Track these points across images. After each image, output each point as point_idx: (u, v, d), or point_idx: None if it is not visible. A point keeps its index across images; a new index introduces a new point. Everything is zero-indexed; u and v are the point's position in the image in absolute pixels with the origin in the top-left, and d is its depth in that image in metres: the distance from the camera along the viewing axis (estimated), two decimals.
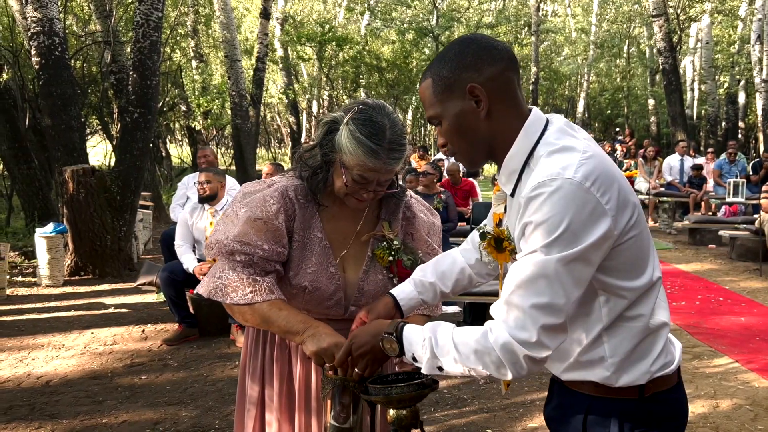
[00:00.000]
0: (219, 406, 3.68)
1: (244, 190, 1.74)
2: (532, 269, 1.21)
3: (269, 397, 1.81)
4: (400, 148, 1.63)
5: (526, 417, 3.57)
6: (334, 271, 1.71)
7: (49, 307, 5.77)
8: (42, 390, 3.91)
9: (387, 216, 1.81)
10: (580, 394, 1.39)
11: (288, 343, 1.79)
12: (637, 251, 1.30)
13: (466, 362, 1.25)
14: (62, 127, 6.99)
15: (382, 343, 1.37)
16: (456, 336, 1.28)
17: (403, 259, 1.75)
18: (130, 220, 7.12)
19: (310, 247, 1.70)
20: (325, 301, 1.71)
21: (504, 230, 1.41)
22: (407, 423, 1.40)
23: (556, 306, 1.21)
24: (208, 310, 4.98)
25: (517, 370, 1.22)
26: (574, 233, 1.20)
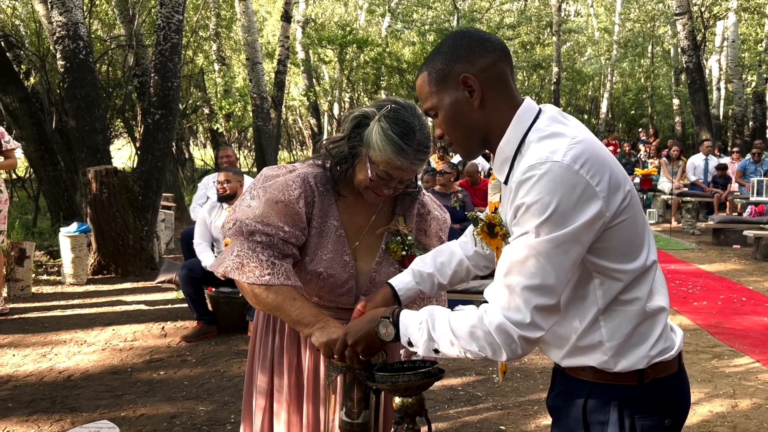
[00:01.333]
0: (235, 401, 3.73)
1: (266, 173, 1.77)
2: (523, 251, 1.23)
3: (278, 388, 1.84)
4: (426, 150, 1.68)
5: (540, 415, 3.55)
6: (348, 259, 1.75)
7: (72, 305, 5.89)
8: (63, 384, 3.99)
9: (402, 211, 1.84)
10: (580, 380, 1.40)
11: (298, 332, 1.82)
12: (630, 234, 1.31)
13: (462, 344, 1.27)
14: (86, 128, 7.13)
15: (378, 328, 1.40)
16: (452, 319, 1.30)
17: (415, 254, 1.78)
18: (152, 220, 7.23)
19: (326, 235, 1.74)
20: (337, 289, 1.74)
21: (496, 216, 1.43)
22: (413, 411, 1.42)
23: (548, 287, 1.23)
24: (226, 308, 5.04)
25: (512, 351, 1.24)
26: (564, 214, 1.21)
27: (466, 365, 4.35)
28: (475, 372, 4.23)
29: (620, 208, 1.28)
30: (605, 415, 1.37)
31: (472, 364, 4.39)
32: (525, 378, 4.12)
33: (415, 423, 1.45)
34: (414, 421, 1.45)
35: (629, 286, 1.33)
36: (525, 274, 1.23)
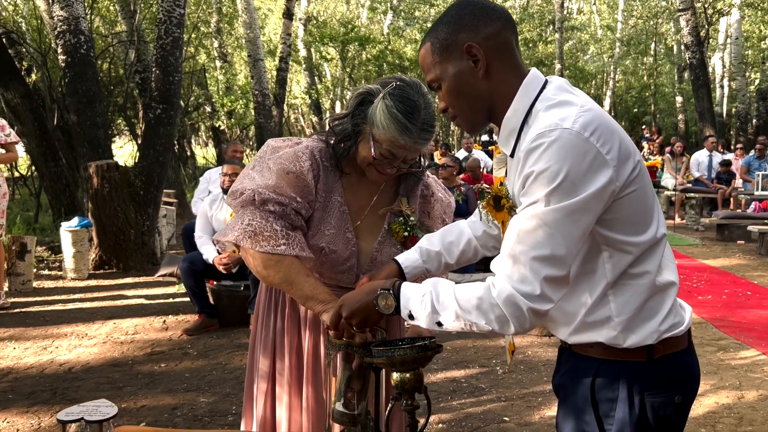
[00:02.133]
0: (236, 392, 3.70)
1: (273, 144, 1.74)
2: (533, 221, 1.20)
3: (279, 371, 1.81)
4: (431, 129, 1.64)
5: (545, 406, 3.52)
6: (351, 237, 1.72)
7: (73, 299, 5.87)
8: (64, 376, 3.97)
9: (405, 192, 1.81)
10: (588, 357, 1.37)
11: (299, 314, 1.79)
12: (640, 205, 1.28)
13: (468, 317, 1.24)
14: (87, 123, 7.11)
15: (377, 301, 1.35)
16: (458, 291, 1.26)
17: (418, 235, 1.75)
18: (153, 215, 7.21)
19: (330, 210, 1.71)
20: (338, 266, 1.71)
21: (503, 188, 1.40)
22: (411, 386, 1.38)
23: (558, 257, 1.19)
24: (227, 301, 5.01)
25: (521, 324, 1.21)
26: (574, 183, 1.18)
27: (469, 357, 4.31)
28: (478, 364, 4.20)
29: (630, 177, 1.25)
30: (614, 392, 1.34)
31: (475, 356, 4.35)
32: (528, 370, 4.09)
33: (414, 399, 1.41)
34: (412, 397, 1.41)
35: (639, 259, 1.29)
36: (534, 244, 1.19)
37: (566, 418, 1.42)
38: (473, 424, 3.29)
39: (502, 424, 3.29)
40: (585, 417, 1.37)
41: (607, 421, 1.35)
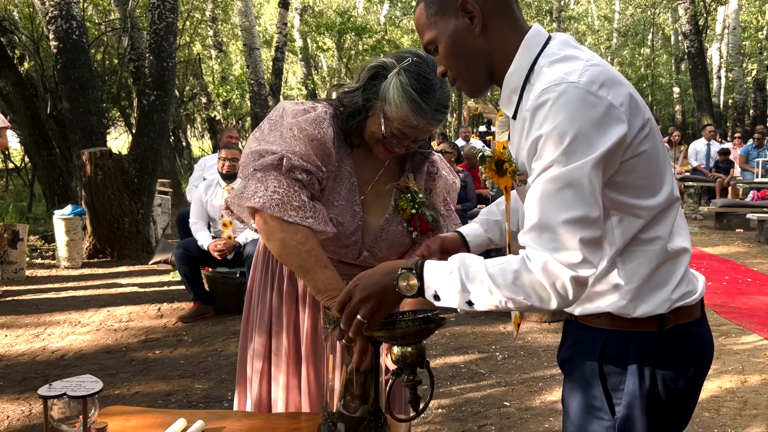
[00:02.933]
0: (232, 378, 3.63)
1: (290, 108, 1.60)
2: (554, 184, 1.11)
3: (276, 351, 1.74)
4: (445, 109, 1.55)
5: (546, 391, 3.47)
6: (358, 210, 1.64)
7: (66, 287, 5.80)
8: (56, 363, 3.90)
9: (412, 169, 1.73)
10: (595, 329, 1.29)
11: (297, 290, 1.71)
12: (652, 166, 1.20)
13: (504, 293, 1.13)
14: (80, 110, 7.01)
15: (397, 281, 1.22)
16: (490, 266, 1.15)
17: (425, 213, 1.67)
18: (148, 203, 7.13)
19: (340, 181, 1.63)
20: (344, 239, 1.63)
21: (505, 152, 1.31)
22: (412, 361, 1.31)
23: (591, 217, 1.10)
24: (223, 288, 4.95)
25: (563, 296, 1.11)
26: (589, 137, 1.10)
27: (468, 343, 4.26)
28: (477, 350, 4.14)
29: (641, 133, 1.17)
30: (623, 364, 1.27)
31: (474, 342, 4.29)
32: (528, 355, 4.03)
33: (416, 374, 1.35)
34: (414, 372, 1.34)
35: (649, 224, 1.22)
36: (562, 207, 1.10)
37: (573, 393, 1.35)
38: (473, 409, 3.23)
39: (503, 408, 3.24)
40: (592, 391, 1.30)
41: (616, 395, 1.28)
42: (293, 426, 1.54)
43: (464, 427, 3.03)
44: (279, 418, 1.61)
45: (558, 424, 3.05)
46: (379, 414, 1.43)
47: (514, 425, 3.05)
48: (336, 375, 1.49)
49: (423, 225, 1.67)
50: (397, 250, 1.70)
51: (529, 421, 3.10)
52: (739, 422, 3.07)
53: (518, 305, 1.13)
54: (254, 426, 1.55)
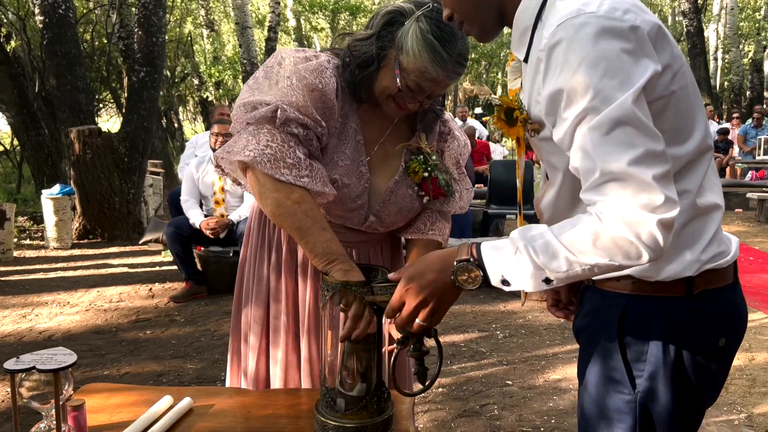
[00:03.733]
0: (225, 358, 3.50)
1: (289, 55, 1.44)
2: (601, 129, 0.97)
3: (274, 324, 1.61)
4: (464, 62, 1.41)
5: (549, 369, 3.37)
6: (365, 171, 1.50)
7: (55, 268, 5.66)
8: (43, 344, 3.77)
9: (423, 128, 1.58)
10: (614, 294, 1.16)
11: (296, 258, 1.58)
12: (683, 108, 1.07)
13: (586, 259, 1.00)
14: (67, 87, 6.82)
15: (456, 276, 1.09)
16: (560, 234, 1.02)
17: (438, 177, 1.53)
18: (139, 183, 6.97)
19: (345, 138, 1.48)
20: (349, 203, 1.49)
21: (514, 99, 1.16)
22: (418, 328, 1.19)
23: (656, 151, 0.97)
24: (216, 268, 4.82)
25: (652, 247, 0.97)
26: (621, 71, 0.97)
27: (468, 322, 4.15)
28: (477, 329, 4.04)
29: (671, 70, 1.04)
30: (645, 333, 1.14)
31: (474, 321, 4.19)
32: (530, 334, 3.93)
33: (422, 343, 1.23)
34: (421, 341, 1.22)
35: (677, 176, 1.08)
36: (620, 150, 0.96)
37: (589, 365, 1.22)
38: (475, 388, 3.13)
39: (505, 387, 3.14)
40: (611, 363, 1.17)
41: (637, 366, 1.15)
42: (291, 402, 1.42)
43: (466, 407, 2.93)
44: (275, 394, 1.49)
45: (563, 403, 2.95)
46: (382, 389, 1.31)
47: (517, 404, 2.95)
48: (334, 347, 1.36)
49: (435, 189, 1.54)
50: (405, 216, 1.58)
51: (533, 399, 3.00)
52: (749, 400, 2.98)
53: (604, 269, 1.01)
54: (247, 403, 1.43)
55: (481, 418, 2.81)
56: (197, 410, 1.38)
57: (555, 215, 1.20)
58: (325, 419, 1.27)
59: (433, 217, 1.62)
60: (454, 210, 1.66)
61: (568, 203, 1.18)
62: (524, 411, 2.88)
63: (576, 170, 1.03)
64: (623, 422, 1.17)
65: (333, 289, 1.28)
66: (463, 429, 2.72)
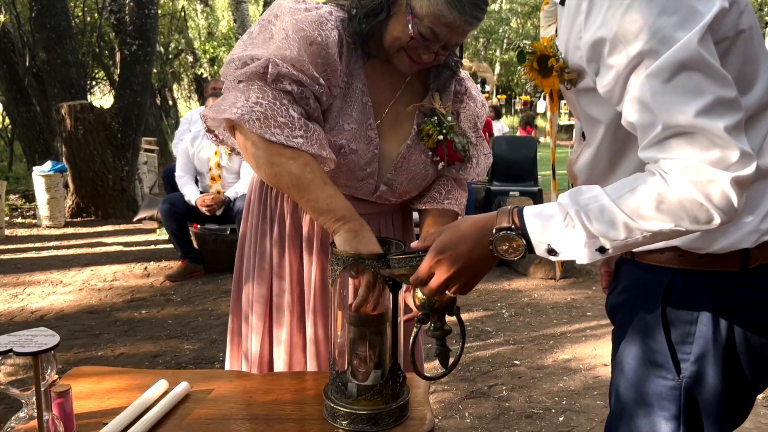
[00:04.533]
0: (224, 339, 3.40)
1: (290, 6, 1.30)
2: (662, 75, 0.84)
3: (277, 305, 1.49)
4: (484, 6, 1.27)
5: (557, 349, 3.27)
6: (374, 135, 1.36)
7: (48, 247, 5.53)
8: (35, 324, 3.65)
9: (437, 88, 1.44)
10: (657, 268, 1.04)
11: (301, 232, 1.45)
12: (749, 52, 0.94)
13: (648, 225, 0.88)
14: (57, 61, 6.63)
15: (495, 247, 0.98)
16: (617, 198, 0.90)
17: (454, 140, 1.39)
18: (133, 160, 6.82)
19: (351, 100, 1.34)
20: (357, 171, 1.36)
21: (549, 45, 1.02)
22: (441, 305, 1.08)
23: (727, 98, 0.84)
24: (213, 246, 4.69)
25: (724, 208, 0.85)
26: (683, 3, 0.84)
27: (472, 301, 4.05)
28: (482, 308, 3.94)
29: (737, 5, 0.91)
30: (693, 312, 1.02)
31: (479, 299, 4.09)
32: (536, 313, 3.84)
33: (444, 322, 1.11)
34: (443, 319, 1.11)
35: None
36: (686, 98, 0.84)
37: (626, 346, 1.10)
38: (482, 368, 3.03)
39: (513, 367, 3.04)
40: (653, 344, 1.05)
41: (682, 349, 1.03)
42: (296, 386, 1.31)
43: (473, 387, 2.83)
44: (279, 377, 1.38)
45: (573, 384, 2.86)
46: (398, 372, 1.19)
47: (527, 385, 2.86)
48: (345, 327, 1.24)
49: (451, 154, 1.40)
50: (419, 184, 1.45)
51: (542, 380, 2.91)
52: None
53: (668, 236, 0.89)
54: (249, 387, 1.31)
55: (489, 399, 2.72)
56: (195, 395, 1.27)
57: (591, 178, 1.08)
58: (335, 405, 1.16)
59: (448, 185, 1.50)
60: (471, 177, 1.53)
61: (607, 164, 1.06)
62: (534, 392, 2.79)
63: (631, 125, 0.90)
64: (665, 410, 1.06)
65: (344, 263, 1.16)
66: (472, 410, 2.62)
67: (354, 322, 1.18)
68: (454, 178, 1.51)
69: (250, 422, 1.18)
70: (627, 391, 1.11)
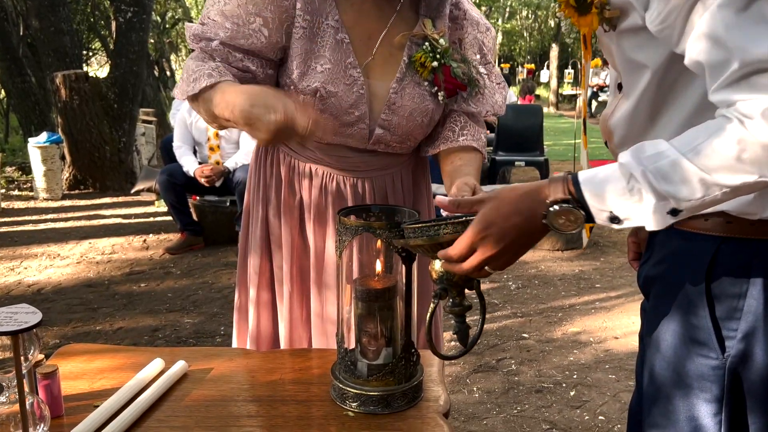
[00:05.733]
0: (225, 312, 3.34)
1: None
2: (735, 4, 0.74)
3: (277, 275, 1.40)
4: None
5: (566, 322, 3.20)
6: (357, 75, 1.24)
7: (45, 219, 5.44)
8: (32, 298, 3.59)
9: (428, 13, 1.30)
10: (701, 236, 0.94)
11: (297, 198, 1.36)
12: None
13: (727, 179, 0.79)
14: (51, 29, 6.46)
15: (550, 221, 0.87)
16: (685, 151, 0.80)
17: (451, 65, 1.26)
18: (130, 131, 6.68)
19: (320, 40, 1.23)
20: (343, 115, 1.24)
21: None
22: (461, 279, 0.98)
23: None
24: (212, 218, 4.60)
25: None
26: None
27: None
28: (488, 280, 3.85)
29: None
30: (742, 284, 0.92)
31: None
32: (543, 285, 3.76)
33: (464, 297, 1.02)
34: (462, 293, 1.01)
35: None
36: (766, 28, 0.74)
37: (663, 322, 1.00)
38: (489, 342, 2.96)
39: (522, 341, 2.97)
40: (694, 320, 0.95)
41: (728, 326, 0.93)
42: (300, 365, 1.23)
43: (481, 361, 2.76)
44: (282, 355, 1.29)
45: (584, 357, 2.79)
46: (411, 350, 1.11)
47: (536, 358, 2.79)
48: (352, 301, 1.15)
49: (449, 80, 1.26)
50: (420, 122, 1.30)
51: (551, 353, 2.83)
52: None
53: (752, 188, 0.79)
54: (251, 366, 1.23)
55: (498, 373, 2.65)
56: (193, 375, 1.18)
57: (630, 133, 0.98)
58: (344, 386, 1.08)
59: (461, 120, 1.34)
60: (487, 109, 1.36)
61: (648, 117, 0.96)
62: (543, 365, 2.72)
63: (698, 65, 0.79)
64: (706, 392, 0.97)
65: (353, 233, 1.06)
66: (480, 385, 2.55)
67: (362, 297, 1.09)
68: (466, 113, 1.35)
69: (253, 404, 1.09)
70: (664, 370, 1.01)
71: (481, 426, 2.26)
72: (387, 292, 1.09)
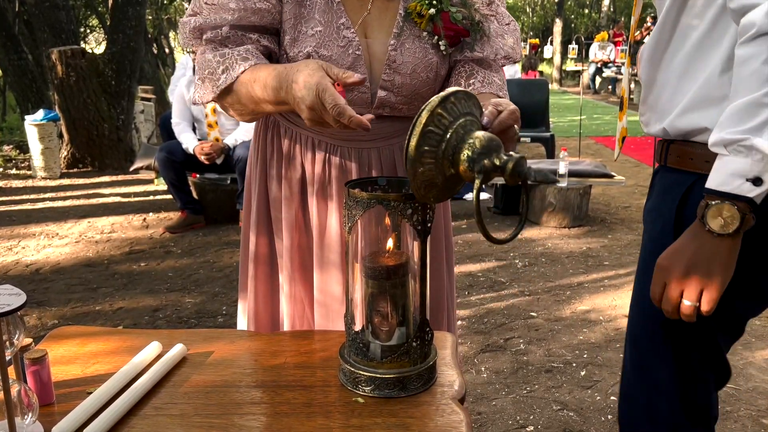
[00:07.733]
0: (227, 291, 3.28)
1: None
2: None
3: (279, 253, 1.33)
4: None
5: (575, 300, 3.13)
6: (351, 36, 1.15)
7: (43, 198, 5.37)
8: (30, 278, 3.53)
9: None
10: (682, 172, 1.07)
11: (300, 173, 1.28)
12: None
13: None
14: (46, 4, 6.32)
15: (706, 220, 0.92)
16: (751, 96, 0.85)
17: (450, 10, 1.17)
18: (128, 108, 6.58)
19: (309, 2, 1.15)
20: None
21: None
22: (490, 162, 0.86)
23: None
24: (213, 196, 4.52)
25: None
26: None
27: (483, 251, 3.90)
28: (494, 258, 3.79)
29: None
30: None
31: (490, 249, 3.94)
32: (551, 263, 3.69)
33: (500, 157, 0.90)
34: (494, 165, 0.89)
35: None
36: None
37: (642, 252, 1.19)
38: (497, 321, 2.90)
39: (530, 320, 2.91)
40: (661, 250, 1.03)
41: None
42: (305, 347, 1.16)
43: (489, 341, 2.70)
44: (286, 337, 1.22)
45: (594, 336, 2.73)
46: (426, 329, 1.03)
47: (544, 337, 2.73)
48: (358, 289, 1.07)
49: (449, 27, 1.17)
50: (424, 76, 1.20)
51: (560, 332, 2.77)
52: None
53: None
54: (252, 348, 1.16)
55: (506, 353, 2.59)
56: (192, 359, 1.11)
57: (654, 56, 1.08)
58: (355, 369, 1.00)
59: (467, 68, 1.23)
60: (496, 52, 1.24)
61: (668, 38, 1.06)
62: (552, 345, 2.66)
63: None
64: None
65: (365, 206, 0.98)
66: (488, 365, 2.50)
67: (373, 275, 1.01)
68: (473, 61, 1.24)
69: (256, 389, 1.02)
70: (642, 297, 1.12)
71: (490, 407, 2.21)
72: (400, 269, 1.02)
